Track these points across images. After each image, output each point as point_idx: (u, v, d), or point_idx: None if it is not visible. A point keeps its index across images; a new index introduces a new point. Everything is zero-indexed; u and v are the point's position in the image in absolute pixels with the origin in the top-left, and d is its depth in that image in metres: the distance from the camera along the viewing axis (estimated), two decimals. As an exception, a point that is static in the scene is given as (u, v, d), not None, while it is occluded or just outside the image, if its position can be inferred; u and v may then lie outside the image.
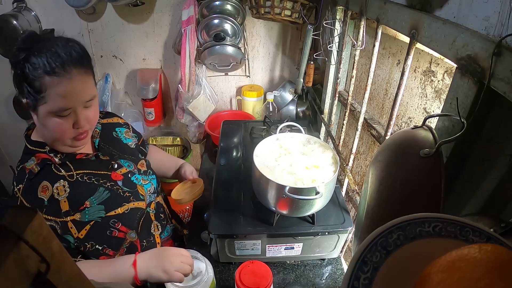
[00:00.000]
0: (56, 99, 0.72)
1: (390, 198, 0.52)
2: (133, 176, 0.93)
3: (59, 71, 0.70)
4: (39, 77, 0.70)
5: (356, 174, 1.18)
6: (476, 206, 0.56)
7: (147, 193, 0.95)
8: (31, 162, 0.79)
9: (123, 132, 1.04)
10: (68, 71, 0.71)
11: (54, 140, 0.80)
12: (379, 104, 1.02)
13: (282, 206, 0.83)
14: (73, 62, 0.73)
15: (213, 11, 1.44)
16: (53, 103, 0.72)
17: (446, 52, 0.54)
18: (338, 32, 1.10)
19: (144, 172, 0.99)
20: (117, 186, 0.87)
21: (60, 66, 0.70)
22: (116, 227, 0.84)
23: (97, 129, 0.95)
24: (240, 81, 1.80)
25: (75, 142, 0.82)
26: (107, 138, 0.97)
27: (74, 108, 0.75)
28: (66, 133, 0.78)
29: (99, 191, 0.83)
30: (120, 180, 0.89)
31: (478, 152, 0.54)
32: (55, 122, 0.75)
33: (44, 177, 0.78)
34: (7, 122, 1.89)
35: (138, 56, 1.71)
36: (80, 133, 0.80)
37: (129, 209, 0.87)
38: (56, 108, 0.73)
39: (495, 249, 0.29)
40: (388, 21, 0.72)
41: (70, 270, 0.32)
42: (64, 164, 0.82)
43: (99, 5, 1.52)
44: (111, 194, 0.85)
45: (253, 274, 0.82)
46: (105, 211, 0.83)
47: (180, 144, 1.95)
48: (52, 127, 0.76)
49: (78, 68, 0.74)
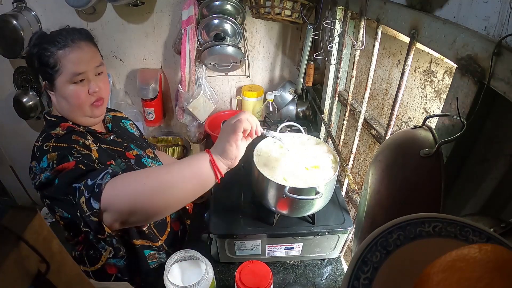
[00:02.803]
0: (68, 66, 0.82)
1: (390, 198, 0.52)
2: (143, 159, 1.01)
3: (69, 43, 0.82)
4: (53, 54, 0.81)
5: (356, 174, 1.18)
6: (476, 206, 0.56)
7: None
8: (57, 129, 0.84)
9: (128, 124, 1.15)
10: (77, 43, 0.83)
11: (74, 110, 0.87)
12: (379, 104, 1.02)
13: (282, 206, 0.83)
14: (80, 37, 0.85)
15: (213, 11, 1.44)
16: (67, 71, 0.82)
17: (446, 52, 0.54)
18: (338, 32, 1.10)
19: (152, 158, 1.07)
20: (131, 163, 0.95)
21: (70, 41, 0.82)
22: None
23: (109, 117, 1.05)
24: (240, 81, 1.80)
25: (93, 110, 0.89)
26: (117, 126, 1.08)
27: (87, 74, 0.85)
28: (84, 99, 0.86)
29: (117, 161, 0.90)
30: (133, 159, 0.97)
31: (478, 152, 0.54)
32: (72, 89, 0.84)
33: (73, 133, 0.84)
34: (7, 122, 1.89)
35: (138, 56, 1.71)
36: (96, 100, 0.88)
37: None
38: (70, 73, 0.82)
39: (495, 249, 0.29)
40: (388, 21, 0.72)
41: (70, 270, 0.32)
42: (88, 133, 0.89)
43: (99, 5, 1.52)
44: (127, 167, 0.91)
45: (253, 274, 0.81)
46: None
47: (180, 144, 1.94)
48: (70, 95, 0.84)
49: (86, 41, 0.86)
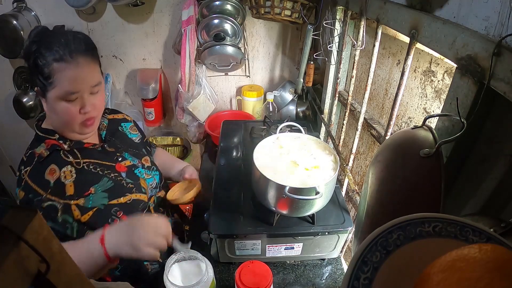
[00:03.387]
0: (63, 83, 0.77)
1: (390, 198, 0.52)
2: (136, 169, 0.96)
3: (66, 58, 0.76)
4: (49, 64, 0.75)
5: (356, 174, 1.18)
6: (476, 206, 0.56)
7: (149, 187, 0.97)
8: (40, 148, 0.82)
9: (128, 127, 1.08)
10: (75, 58, 0.77)
11: (63, 125, 0.84)
12: (379, 104, 1.02)
13: (282, 206, 0.83)
14: (79, 51, 0.78)
15: (213, 11, 1.44)
16: (60, 87, 0.77)
17: (446, 52, 0.54)
18: (338, 32, 1.10)
19: (148, 167, 1.01)
20: (121, 177, 0.90)
21: (67, 54, 0.76)
22: (118, 215, 0.85)
23: (104, 123, 1.00)
24: (240, 81, 1.80)
25: (83, 128, 0.85)
26: (113, 132, 1.02)
27: (81, 93, 0.80)
28: (74, 118, 0.82)
29: (103, 181, 0.85)
30: (124, 171, 0.92)
31: (478, 152, 0.54)
32: (63, 106, 0.79)
33: (52, 161, 0.81)
34: (7, 122, 1.89)
35: (138, 56, 1.71)
36: (87, 119, 0.84)
37: (131, 199, 0.88)
38: (63, 92, 0.77)
39: (495, 249, 0.29)
40: (388, 21, 0.72)
41: (70, 270, 0.32)
42: (72, 151, 0.85)
43: (99, 5, 1.52)
44: (114, 184, 0.87)
45: (253, 274, 0.81)
46: (108, 198, 0.84)
47: (180, 144, 1.95)
48: (61, 111, 0.80)
49: (85, 56, 0.79)
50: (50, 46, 0.75)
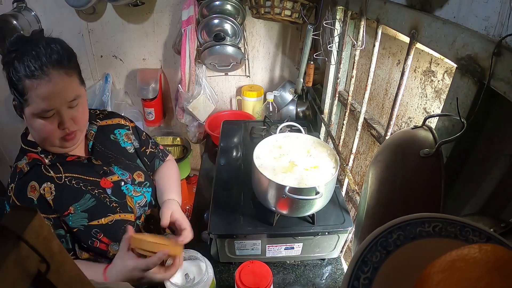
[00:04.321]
0: (37, 101, 0.71)
1: (390, 198, 0.52)
2: (124, 185, 0.89)
3: (38, 73, 0.69)
4: (21, 80, 0.70)
5: (356, 174, 1.18)
6: (476, 206, 0.56)
7: (136, 206, 0.91)
8: (22, 161, 0.80)
9: (123, 134, 0.99)
10: (47, 73, 0.70)
11: (42, 141, 0.79)
12: (379, 104, 1.02)
13: (282, 206, 0.83)
14: (51, 63, 0.71)
15: (213, 11, 1.44)
16: (34, 105, 0.71)
17: (446, 52, 0.54)
18: (338, 32, 1.10)
19: (139, 183, 0.94)
20: (105, 194, 0.85)
21: (38, 68, 0.69)
22: (98, 237, 0.82)
23: (92, 131, 0.91)
24: (240, 81, 1.80)
25: (64, 143, 0.80)
26: (103, 141, 0.94)
27: (57, 109, 0.74)
28: (52, 134, 0.77)
29: (85, 197, 0.81)
30: (109, 188, 0.86)
31: (478, 152, 0.54)
32: (40, 123, 0.74)
33: (32, 177, 0.78)
34: (7, 122, 1.89)
35: (138, 56, 1.71)
36: (67, 134, 0.78)
37: (113, 220, 0.84)
38: (38, 110, 0.72)
39: (495, 249, 0.29)
40: (388, 21, 0.72)
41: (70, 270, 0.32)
42: (54, 165, 0.81)
43: (99, 5, 1.52)
44: (97, 203, 0.83)
45: (253, 274, 0.81)
46: (88, 219, 0.81)
47: (180, 144, 1.95)
48: (38, 128, 0.75)
49: (58, 69, 0.72)
50: (22, 59, 0.69)
